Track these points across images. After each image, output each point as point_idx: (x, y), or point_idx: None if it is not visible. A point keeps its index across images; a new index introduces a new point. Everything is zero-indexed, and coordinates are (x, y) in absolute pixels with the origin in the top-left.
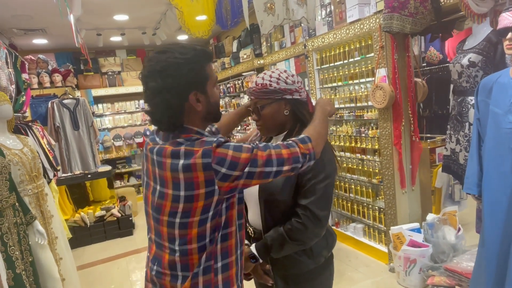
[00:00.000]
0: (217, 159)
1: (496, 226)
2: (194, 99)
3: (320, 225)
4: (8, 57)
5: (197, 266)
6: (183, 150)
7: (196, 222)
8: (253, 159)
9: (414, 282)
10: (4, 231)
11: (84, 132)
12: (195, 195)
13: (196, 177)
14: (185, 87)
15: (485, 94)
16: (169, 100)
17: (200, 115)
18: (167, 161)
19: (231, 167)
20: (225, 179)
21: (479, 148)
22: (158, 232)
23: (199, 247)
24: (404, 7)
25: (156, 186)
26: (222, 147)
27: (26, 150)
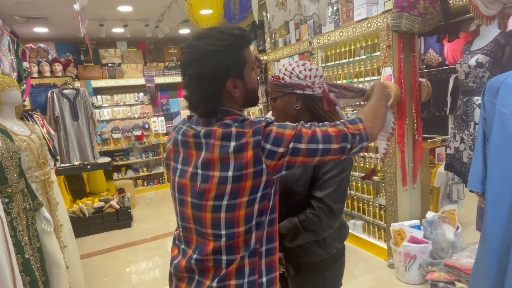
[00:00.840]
0: (265, 136)
1: (498, 223)
2: (232, 85)
3: (334, 217)
4: (10, 44)
5: (244, 249)
6: (234, 132)
7: (244, 203)
8: (298, 134)
9: (414, 277)
10: (14, 216)
11: (83, 123)
12: (244, 174)
13: (246, 157)
14: (223, 74)
15: (492, 94)
16: (206, 88)
17: (237, 101)
18: (217, 143)
19: (275, 143)
20: (271, 157)
21: (484, 147)
22: (199, 220)
23: (246, 230)
24: (414, 7)
25: (197, 171)
26: (269, 125)
27: (34, 136)
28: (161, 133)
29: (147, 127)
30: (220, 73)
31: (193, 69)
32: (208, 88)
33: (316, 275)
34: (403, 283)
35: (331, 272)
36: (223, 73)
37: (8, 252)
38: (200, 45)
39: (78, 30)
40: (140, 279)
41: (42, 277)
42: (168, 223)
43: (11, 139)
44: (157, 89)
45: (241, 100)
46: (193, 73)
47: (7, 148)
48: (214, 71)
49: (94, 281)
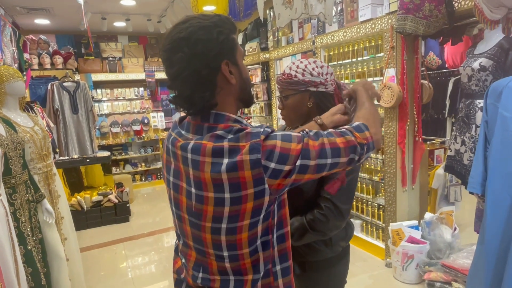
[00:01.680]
0: (266, 153)
1: (497, 225)
2: (227, 69)
3: (341, 218)
4: (12, 35)
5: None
6: (227, 147)
7: (246, 226)
8: (305, 149)
9: (411, 277)
10: (17, 207)
11: (83, 116)
12: (243, 196)
13: (243, 176)
14: (216, 53)
15: (495, 97)
16: (200, 71)
17: (234, 94)
18: (207, 160)
19: (280, 160)
20: (275, 176)
21: (485, 150)
22: (199, 239)
23: (250, 251)
24: (419, 10)
25: (191, 189)
26: (270, 138)
27: (37, 128)
28: (160, 129)
29: (146, 122)
30: (213, 51)
31: (182, 50)
32: (202, 70)
33: (321, 273)
34: (400, 282)
35: (336, 270)
36: (216, 51)
37: (12, 243)
38: (185, 26)
39: (79, 22)
40: (136, 274)
41: (43, 269)
42: (166, 218)
43: (15, 130)
44: (157, 84)
45: (237, 92)
46: (183, 55)
47: (11, 139)
48: (207, 48)
49: (91, 274)
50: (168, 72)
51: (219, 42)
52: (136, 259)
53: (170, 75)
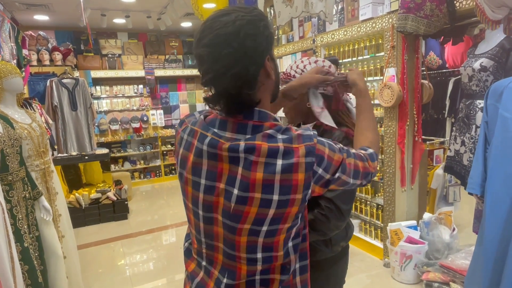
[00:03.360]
0: (318, 158)
1: (496, 225)
2: (269, 65)
3: (342, 218)
4: (11, 31)
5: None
6: (282, 148)
7: (285, 229)
8: (344, 164)
9: (409, 277)
10: (13, 204)
11: (82, 113)
12: (291, 199)
13: (296, 179)
14: (264, 49)
15: (495, 98)
16: (248, 68)
17: (270, 90)
18: (261, 160)
19: (326, 168)
20: (318, 182)
21: (484, 150)
22: (231, 243)
23: (284, 253)
24: (420, 9)
25: (233, 190)
26: (319, 142)
27: (35, 125)
28: (160, 126)
29: (145, 119)
30: (261, 46)
31: (231, 46)
32: (251, 67)
33: (320, 273)
34: (398, 282)
35: (335, 269)
36: (264, 47)
37: (8, 240)
38: (229, 19)
39: (79, 19)
40: (134, 272)
41: (40, 266)
42: (164, 216)
43: (12, 126)
44: (156, 81)
45: (273, 88)
46: (233, 51)
47: (8, 136)
48: (256, 43)
49: (88, 272)
50: (212, 68)
51: (266, 36)
52: (134, 257)
53: (214, 71)
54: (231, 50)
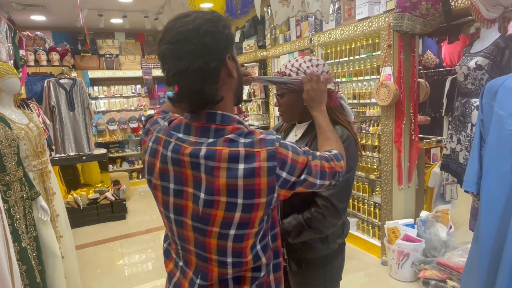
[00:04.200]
0: (281, 162)
1: (491, 223)
2: (230, 63)
3: (338, 216)
4: (7, 31)
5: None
6: (243, 153)
7: (253, 234)
8: (309, 165)
9: (406, 275)
10: (11, 204)
11: (79, 114)
12: (256, 204)
13: (259, 184)
14: (223, 46)
15: (490, 96)
16: (209, 64)
17: (233, 89)
18: (222, 165)
19: (290, 171)
20: (284, 186)
21: (480, 148)
22: (202, 245)
23: (253, 257)
24: (416, 8)
25: (200, 194)
26: (282, 146)
27: (32, 125)
28: None
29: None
30: (220, 43)
31: (192, 42)
32: (211, 62)
33: (318, 270)
34: (395, 280)
35: (332, 266)
36: (223, 44)
37: (6, 240)
38: (189, 19)
39: (76, 19)
40: (133, 272)
41: (38, 266)
42: None
43: (9, 127)
44: (154, 81)
45: (235, 87)
46: (194, 47)
47: (5, 136)
48: (216, 40)
49: (87, 272)
50: (174, 65)
51: (225, 35)
52: (133, 257)
53: (176, 68)
54: (192, 46)
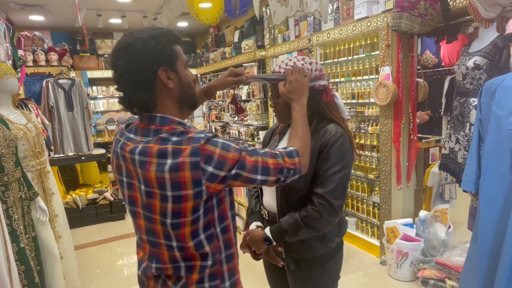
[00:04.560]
0: (205, 157)
1: (490, 222)
2: (164, 75)
3: (334, 214)
4: (6, 31)
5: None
6: (170, 149)
7: (189, 222)
8: (241, 161)
9: (405, 274)
10: (9, 204)
11: (78, 114)
12: (183, 195)
13: (183, 177)
14: (153, 60)
15: (489, 96)
16: (138, 76)
17: (174, 97)
18: (153, 160)
19: (218, 166)
20: (212, 180)
21: (478, 148)
22: (152, 231)
23: (195, 244)
24: (414, 8)
25: (141, 186)
26: (210, 143)
27: (30, 125)
28: None
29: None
30: (150, 59)
31: (123, 58)
32: (140, 75)
33: (316, 269)
34: (394, 279)
35: (330, 266)
36: (154, 59)
37: (4, 241)
38: (128, 37)
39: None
40: (132, 272)
41: (36, 267)
42: None
43: (7, 127)
44: None
45: (177, 95)
46: (123, 62)
47: (3, 136)
48: (144, 56)
49: (86, 272)
50: (113, 74)
51: (156, 51)
52: (132, 257)
53: (114, 78)
54: (122, 62)
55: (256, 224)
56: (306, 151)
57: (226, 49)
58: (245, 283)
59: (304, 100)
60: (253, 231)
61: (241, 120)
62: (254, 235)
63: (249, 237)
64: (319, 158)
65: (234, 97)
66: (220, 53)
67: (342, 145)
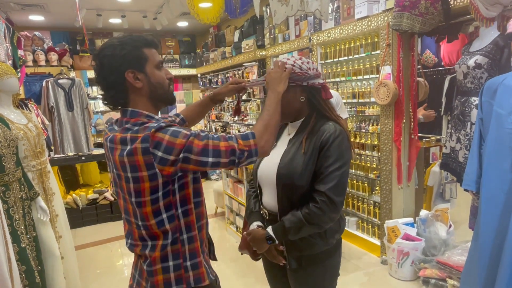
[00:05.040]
0: (154, 143)
1: (491, 221)
2: (132, 76)
3: (336, 210)
4: (6, 31)
5: (163, 238)
6: (129, 137)
7: (148, 202)
8: (188, 145)
9: (406, 274)
10: (10, 204)
11: (78, 114)
12: (140, 176)
13: (137, 160)
14: (120, 64)
15: (490, 95)
16: (107, 77)
17: (145, 95)
18: (118, 147)
19: (167, 151)
20: (163, 163)
21: (479, 147)
22: (126, 210)
23: (157, 223)
24: (415, 7)
25: (113, 169)
26: (161, 131)
27: (31, 125)
28: None
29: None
30: (116, 63)
31: (96, 63)
32: (109, 76)
33: (317, 266)
34: (395, 279)
35: (330, 262)
36: (119, 63)
37: (5, 241)
38: (103, 44)
39: (74, 19)
40: None
41: (37, 267)
42: None
43: (8, 127)
44: None
45: (147, 93)
46: (96, 66)
47: (4, 136)
48: (109, 62)
49: (86, 272)
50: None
51: (121, 56)
52: (132, 257)
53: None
54: (95, 66)
55: (256, 224)
56: (266, 133)
57: (226, 48)
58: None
59: (279, 88)
60: (255, 231)
61: (241, 120)
62: (256, 234)
63: (251, 237)
64: (319, 156)
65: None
66: (220, 53)
67: (341, 143)
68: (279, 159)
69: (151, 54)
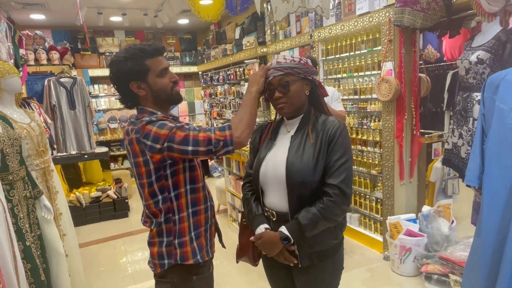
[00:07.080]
0: (144, 134)
1: (493, 217)
2: (136, 87)
3: (348, 202)
4: (7, 30)
5: (160, 216)
6: (130, 129)
7: (146, 184)
8: (171, 136)
9: (408, 269)
10: (15, 203)
11: (80, 112)
12: (138, 161)
13: (135, 148)
14: (124, 78)
15: (492, 90)
16: (118, 87)
17: (149, 100)
18: (126, 137)
19: (154, 140)
20: (152, 151)
21: (482, 143)
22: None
23: (154, 203)
24: (417, 2)
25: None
26: (150, 124)
27: (34, 124)
28: None
29: None
30: (121, 77)
31: (110, 71)
32: (118, 86)
33: (326, 261)
34: (397, 275)
35: (337, 256)
36: (124, 77)
37: (10, 239)
38: (112, 58)
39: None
40: (136, 269)
41: (42, 265)
42: None
43: (11, 126)
44: None
45: (151, 99)
46: (110, 75)
47: (8, 135)
48: (116, 75)
49: (90, 270)
50: None
51: (125, 71)
52: (136, 254)
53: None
54: (109, 74)
55: (264, 226)
56: (241, 125)
57: (227, 46)
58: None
59: (251, 88)
60: (266, 234)
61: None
62: (269, 237)
63: (261, 240)
64: (328, 151)
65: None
66: (221, 50)
67: (346, 137)
68: (284, 157)
69: (154, 64)
